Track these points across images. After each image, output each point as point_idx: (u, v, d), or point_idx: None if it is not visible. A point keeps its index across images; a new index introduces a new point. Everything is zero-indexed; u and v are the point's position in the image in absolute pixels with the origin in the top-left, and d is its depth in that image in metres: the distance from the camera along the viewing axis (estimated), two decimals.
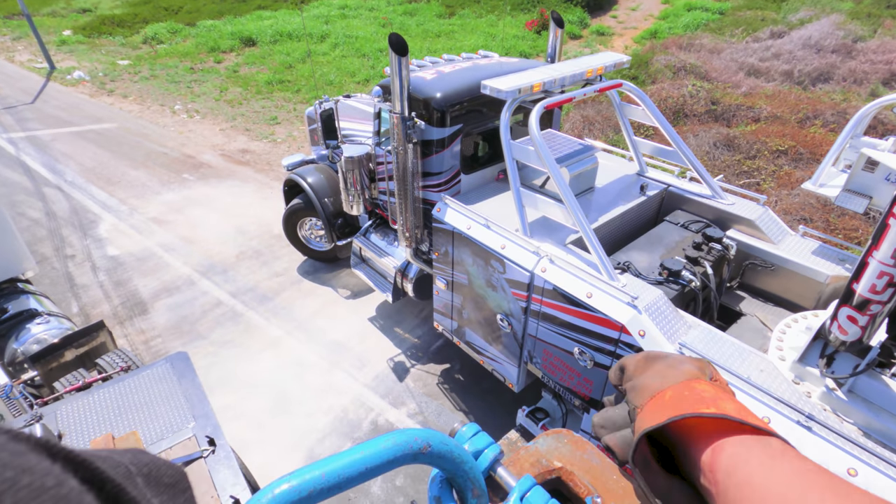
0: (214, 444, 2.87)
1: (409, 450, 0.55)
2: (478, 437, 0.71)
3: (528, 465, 0.75)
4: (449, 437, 0.63)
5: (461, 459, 0.60)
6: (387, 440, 0.55)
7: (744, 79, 11.32)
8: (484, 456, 0.69)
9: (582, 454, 0.74)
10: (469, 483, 0.62)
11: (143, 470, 0.34)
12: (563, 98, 3.90)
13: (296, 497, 0.49)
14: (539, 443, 0.80)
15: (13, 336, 4.34)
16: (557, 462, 0.74)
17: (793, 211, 7.30)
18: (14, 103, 12.68)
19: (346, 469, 0.52)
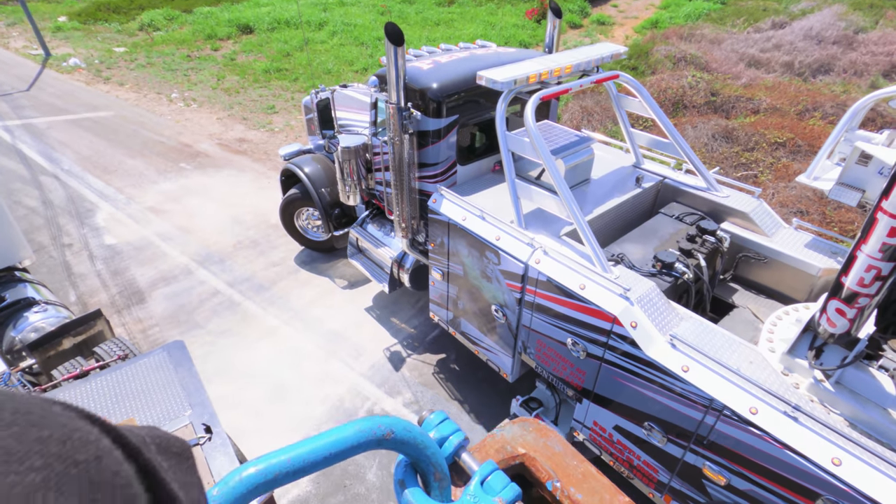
0: (211, 431, 2.90)
1: (372, 436, 0.58)
2: (444, 424, 0.73)
3: (493, 451, 0.77)
4: (414, 424, 0.65)
5: (424, 445, 0.62)
6: (351, 427, 0.58)
7: (744, 70, 11.27)
8: (449, 442, 0.72)
9: (545, 441, 0.77)
10: (431, 467, 0.65)
11: (157, 441, 0.41)
12: (560, 89, 3.89)
13: (262, 479, 0.51)
14: (505, 430, 0.83)
15: (11, 324, 4.36)
16: (521, 449, 0.77)
17: (789, 203, 7.32)
18: (9, 90, 12.58)
19: (311, 454, 0.55)
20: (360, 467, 4.46)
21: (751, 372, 2.85)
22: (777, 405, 2.66)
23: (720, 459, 2.92)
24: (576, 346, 3.57)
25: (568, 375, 3.79)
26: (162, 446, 0.41)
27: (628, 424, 3.43)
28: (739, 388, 2.78)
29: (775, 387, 2.76)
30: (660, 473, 3.36)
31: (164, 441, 0.43)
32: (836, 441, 2.49)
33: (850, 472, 2.40)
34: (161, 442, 0.42)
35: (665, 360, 3.02)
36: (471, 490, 0.69)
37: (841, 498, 2.42)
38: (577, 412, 3.86)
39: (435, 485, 0.67)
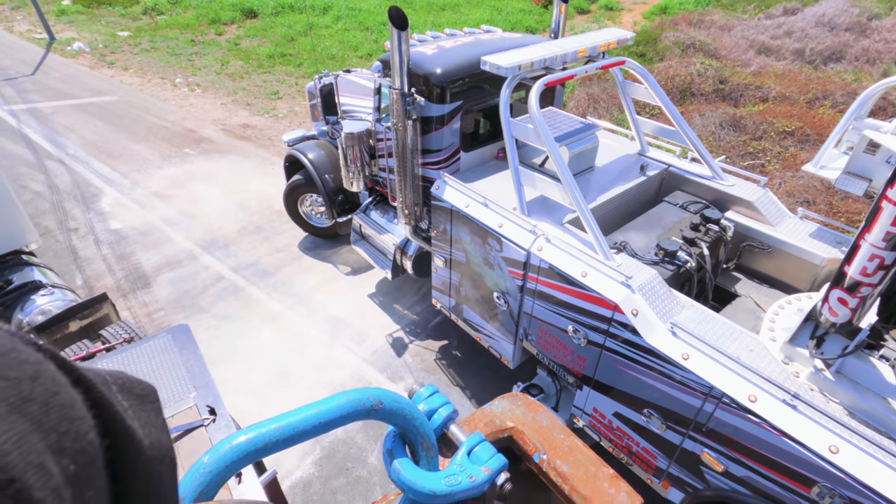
0: (215, 413, 2.95)
1: (361, 406, 0.59)
2: (433, 397, 0.74)
3: (482, 424, 0.79)
4: (403, 396, 0.67)
5: (412, 416, 0.63)
6: (341, 397, 0.59)
7: (754, 57, 11.09)
8: (438, 414, 0.73)
9: (534, 416, 0.78)
10: (420, 438, 0.66)
11: (118, 381, 0.40)
12: (564, 75, 3.85)
13: (252, 448, 0.52)
14: (494, 405, 0.84)
15: (18, 307, 4.42)
16: (510, 423, 0.78)
17: (796, 193, 7.25)
18: (14, 74, 12.57)
19: (300, 423, 0.56)
20: (362, 451, 4.53)
21: (751, 360, 2.86)
22: (776, 393, 2.67)
23: (718, 446, 2.94)
24: (577, 334, 3.58)
25: (569, 362, 3.81)
26: (124, 387, 0.40)
27: (628, 411, 3.46)
28: (739, 377, 2.79)
29: (775, 375, 2.77)
30: (658, 460, 3.39)
31: (127, 382, 0.41)
32: (834, 429, 2.51)
33: (847, 459, 2.42)
34: (123, 383, 0.41)
35: (665, 348, 3.03)
36: (458, 460, 0.70)
37: (837, 485, 2.44)
38: (578, 399, 3.89)
39: (423, 454, 0.68)
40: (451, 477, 0.69)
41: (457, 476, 0.69)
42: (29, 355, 0.30)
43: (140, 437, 0.36)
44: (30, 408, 0.27)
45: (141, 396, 0.41)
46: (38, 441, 0.26)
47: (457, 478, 0.69)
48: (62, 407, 0.29)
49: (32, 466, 0.25)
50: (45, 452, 0.26)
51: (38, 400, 0.28)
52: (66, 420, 0.29)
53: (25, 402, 0.27)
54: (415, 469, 0.67)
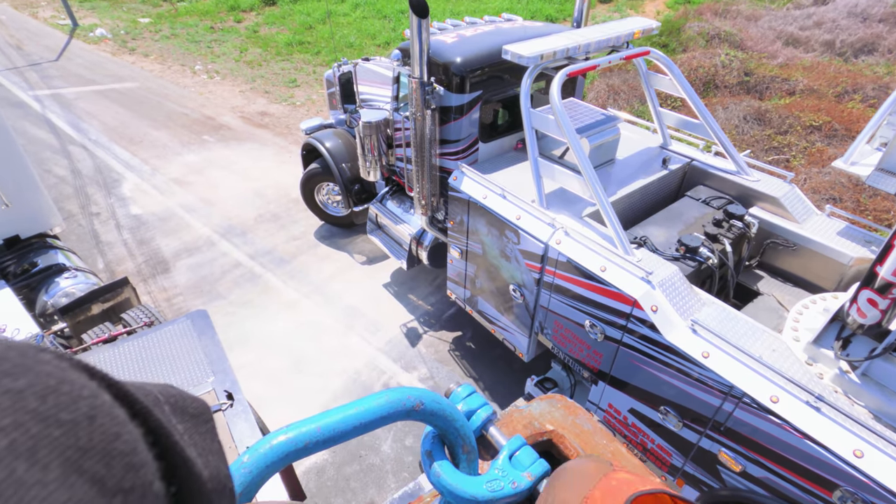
0: (232, 398, 2.98)
1: (402, 407, 0.58)
2: (472, 397, 0.73)
3: (520, 426, 0.77)
4: (442, 396, 0.65)
5: (453, 417, 0.62)
6: (381, 397, 0.57)
7: (781, 49, 10.77)
8: (476, 416, 0.71)
9: (574, 419, 0.76)
10: (460, 440, 0.65)
11: (171, 400, 0.36)
12: (587, 66, 3.78)
13: (292, 448, 0.51)
14: (532, 406, 0.82)
15: (43, 289, 4.52)
16: (549, 425, 0.76)
17: (822, 190, 7.06)
18: (39, 60, 12.78)
19: (341, 424, 0.55)
20: (376, 439, 4.56)
21: (773, 360, 2.80)
22: (799, 395, 2.62)
23: (737, 446, 2.90)
24: (594, 329, 3.54)
25: (584, 357, 3.78)
26: (177, 406, 0.36)
27: (644, 408, 3.42)
28: (761, 376, 2.74)
29: (798, 376, 2.71)
30: (673, 457, 3.36)
31: (180, 400, 0.37)
32: (858, 433, 2.45)
33: (872, 464, 2.36)
34: (176, 402, 0.36)
35: (685, 346, 2.98)
36: (499, 464, 0.69)
37: (860, 489, 2.38)
38: (592, 394, 3.86)
39: (463, 457, 0.67)
40: (493, 482, 0.67)
41: (499, 481, 0.67)
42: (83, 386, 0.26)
43: (200, 469, 0.33)
44: (89, 463, 0.23)
45: (195, 417, 0.37)
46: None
47: (499, 483, 0.67)
48: (124, 454, 0.25)
49: None
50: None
51: (97, 449, 0.24)
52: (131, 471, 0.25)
53: (84, 455, 0.23)
54: (455, 473, 0.66)
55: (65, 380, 0.25)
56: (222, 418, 2.91)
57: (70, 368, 0.27)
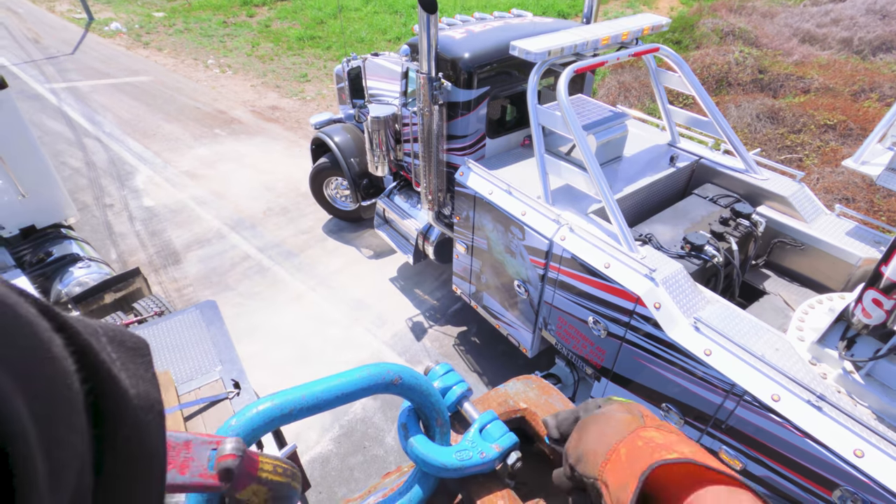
0: (239, 387, 3.05)
1: (381, 380, 0.61)
2: (448, 375, 0.76)
3: (495, 404, 0.80)
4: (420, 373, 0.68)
5: (428, 392, 0.65)
6: (362, 371, 0.61)
7: (797, 46, 10.61)
8: (452, 392, 0.75)
9: (547, 398, 0.79)
10: (434, 413, 0.68)
11: (109, 333, 0.38)
12: (595, 62, 3.77)
13: (278, 413, 0.55)
14: (508, 386, 0.85)
15: (57, 278, 4.62)
16: (523, 404, 0.79)
17: (835, 190, 6.98)
18: (55, 53, 12.97)
19: (324, 393, 0.58)
20: (380, 431, 4.62)
21: (776, 359, 2.79)
22: (801, 394, 2.61)
23: (738, 444, 2.90)
24: (597, 325, 3.55)
25: (588, 353, 3.79)
26: (115, 338, 0.38)
27: (646, 405, 3.43)
28: (763, 375, 2.73)
29: (801, 375, 2.70)
30: None
31: (119, 335, 0.39)
32: (860, 433, 2.44)
33: (873, 464, 2.35)
34: (115, 335, 0.38)
35: (687, 343, 2.99)
36: (469, 436, 0.72)
37: (860, 489, 2.38)
38: (595, 390, 3.87)
39: (437, 430, 0.71)
40: (462, 452, 0.71)
41: (468, 451, 0.71)
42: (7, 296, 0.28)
43: (126, 385, 0.35)
44: None
45: (132, 349, 0.40)
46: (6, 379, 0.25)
47: (468, 453, 0.71)
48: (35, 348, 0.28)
49: None
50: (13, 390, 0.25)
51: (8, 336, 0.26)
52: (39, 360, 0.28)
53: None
54: (428, 443, 0.70)
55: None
56: (229, 406, 2.97)
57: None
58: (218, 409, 2.97)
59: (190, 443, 0.52)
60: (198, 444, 0.53)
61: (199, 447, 0.53)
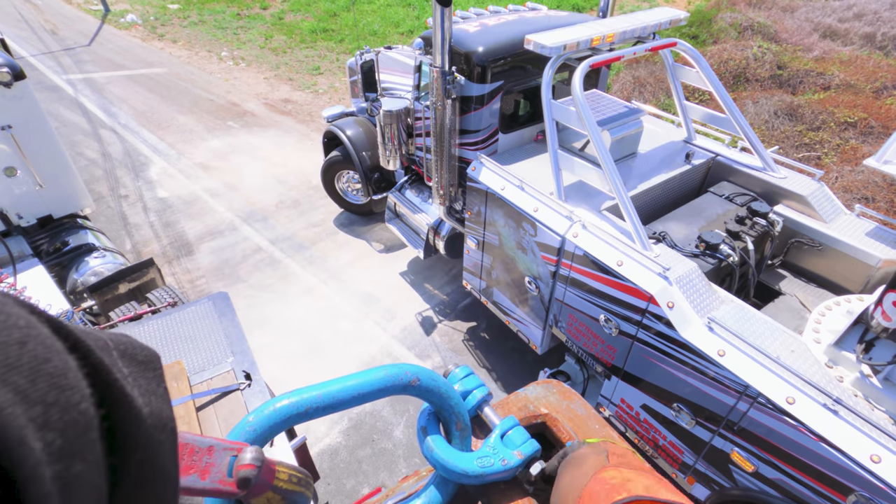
0: (250, 378, 3.07)
1: (398, 381, 0.60)
2: (469, 378, 0.75)
3: (515, 408, 0.79)
4: (440, 375, 0.67)
5: (448, 395, 0.64)
6: (380, 371, 0.60)
7: (817, 41, 10.38)
8: (472, 396, 0.74)
9: (568, 404, 0.77)
10: (454, 417, 0.67)
11: (120, 347, 0.38)
12: (611, 57, 3.71)
13: (294, 412, 0.55)
14: (528, 390, 0.84)
15: (74, 267, 4.69)
16: (544, 409, 0.78)
17: (854, 189, 6.83)
18: (72, 45, 13.11)
19: (341, 392, 0.58)
20: (388, 424, 4.64)
21: (791, 361, 2.75)
22: (817, 397, 2.57)
23: (750, 446, 2.87)
24: (608, 323, 3.53)
25: (598, 351, 3.77)
26: (126, 352, 0.38)
27: (656, 404, 3.40)
28: (778, 377, 2.69)
29: (817, 378, 2.66)
30: (685, 455, 3.34)
31: (130, 348, 0.39)
32: (877, 438, 2.40)
33: (890, 469, 2.31)
34: (126, 348, 0.38)
35: (701, 343, 2.95)
36: (490, 442, 0.71)
37: (876, 495, 2.34)
38: (605, 388, 3.85)
39: (456, 434, 0.69)
40: (483, 458, 0.70)
41: (489, 458, 0.70)
42: (19, 318, 0.28)
43: (139, 405, 0.35)
44: (14, 377, 0.25)
45: (143, 363, 0.39)
46: (21, 414, 0.24)
47: (489, 459, 0.69)
48: (51, 376, 0.27)
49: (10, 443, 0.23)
50: (26, 427, 0.24)
51: (24, 367, 0.26)
52: (54, 390, 0.27)
53: (10, 370, 0.25)
54: (448, 448, 0.69)
55: (2, 311, 0.27)
56: (240, 397, 3.00)
57: (11, 303, 0.29)
58: (229, 399, 3.00)
59: (213, 448, 0.53)
60: (219, 450, 0.53)
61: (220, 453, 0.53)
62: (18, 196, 4.66)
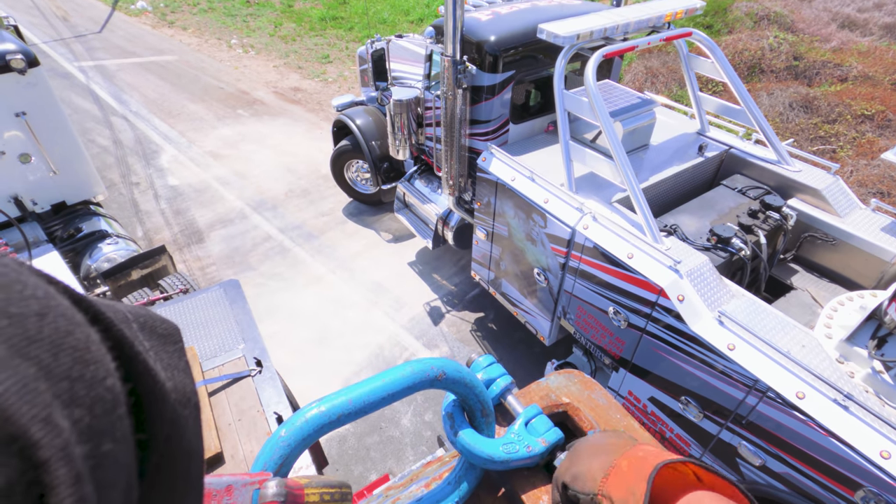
0: (261, 365, 3.11)
1: (425, 377, 0.61)
2: (492, 367, 0.76)
3: (537, 397, 0.80)
4: (463, 365, 0.68)
5: (473, 385, 0.65)
6: (405, 368, 0.61)
7: (835, 31, 10.17)
8: (496, 384, 0.75)
9: (590, 393, 0.78)
10: (479, 405, 0.68)
11: (140, 319, 0.36)
12: (625, 46, 3.67)
13: (326, 420, 0.55)
14: (550, 380, 0.85)
15: (87, 253, 4.75)
16: (565, 398, 0.79)
17: (869, 183, 6.73)
18: (83, 32, 13.15)
19: (370, 395, 0.59)
20: (396, 413, 4.69)
21: (802, 356, 2.74)
22: (827, 392, 2.56)
23: (758, 440, 2.87)
24: (617, 316, 3.52)
25: (606, 344, 3.77)
26: (146, 325, 0.36)
27: (664, 397, 3.41)
28: (788, 372, 2.68)
29: (827, 373, 2.64)
30: (692, 447, 3.34)
31: (150, 320, 0.37)
32: (888, 434, 2.39)
33: None
34: (146, 321, 0.36)
35: (710, 337, 2.94)
36: (515, 429, 0.72)
37: (885, 490, 2.34)
38: (613, 380, 3.86)
39: (481, 420, 0.71)
40: (508, 445, 0.71)
41: (514, 444, 0.71)
42: (37, 289, 0.26)
43: (163, 379, 0.33)
44: (36, 350, 0.24)
45: (164, 336, 0.37)
46: (45, 390, 0.23)
47: (514, 446, 0.71)
48: (75, 349, 0.26)
49: (38, 421, 0.22)
50: (52, 404, 0.23)
51: (45, 341, 0.24)
52: (79, 364, 0.25)
53: (31, 343, 0.24)
54: (474, 434, 0.70)
55: (19, 280, 0.26)
56: (251, 383, 3.04)
57: (27, 272, 0.27)
58: (240, 385, 3.04)
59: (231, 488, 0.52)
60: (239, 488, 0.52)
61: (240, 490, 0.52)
62: (33, 182, 4.71)
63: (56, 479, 0.22)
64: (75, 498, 0.23)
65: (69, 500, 0.22)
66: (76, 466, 0.23)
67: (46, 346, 0.24)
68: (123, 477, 0.27)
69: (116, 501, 0.26)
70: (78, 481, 0.23)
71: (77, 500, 0.23)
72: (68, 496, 0.22)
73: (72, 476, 0.23)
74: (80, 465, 0.23)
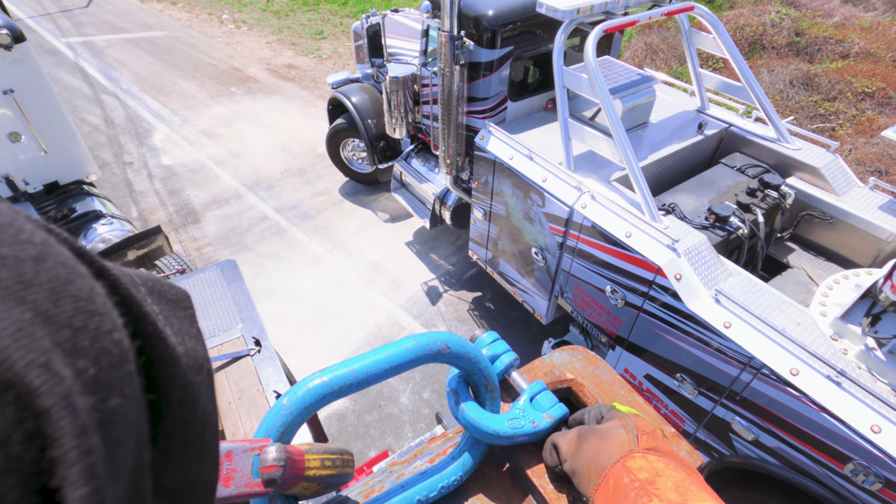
0: (260, 344, 3.12)
1: (429, 350, 0.61)
2: (496, 343, 0.76)
3: (541, 373, 0.80)
4: (467, 340, 0.68)
5: (477, 359, 0.65)
6: (409, 341, 0.60)
7: (838, 6, 10.00)
8: (500, 360, 0.75)
9: (594, 370, 0.78)
10: (483, 380, 0.68)
11: (148, 283, 0.34)
12: (626, 21, 3.60)
13: (328, 391, 0.55)
14: (554, 356, 0.85)
15: (81, 234, 4.71)
16: (570, 374, 0.79)
17: (868, 161, 6.71)
18: (70, 6, 12.79)
19: (372, 367, 0.58)
20: (395, 390, 4.74)
21: (797, 333, 2.77)
22: (821, 368, 2.60)
23: (751, 416, 2.92)
24: (615, 294, 3.54)
25: (603, 322, 3.80)
26: (154, 289, 0.34)
27: (660, 374, 3.45)
28: (782, 349, 2.71)
29: (821, 350, 2.68)
30: (686, 423, 3.40)
31: (157, 285, 0.35)
32: (878, 409, 2.43)
33: (890, 439, 2.35)
34: (154, 285, 0.34)
35: (707, 315, 2.96)
36: (520, 405, 0.73)
37: (874, 464, 2.39)
38: (609, 358, 3.90)
39: (486, 395, 0.71)
40: (514, 420, 0.71)
41: (519, 420, 0.71)
42: (33, 234, 0.24)
43: (174, 344, 0.32)
44: (32, 295, 0.22)
45: (174, 302, 0.36)
46: (44, 336, 0.21)
47: (519, 421, 0.71)
48: (77, 298, 0.24)
49: (35, 367, 0.20)
50: (52, 350, 0.21)
51: (44, 286, 0.22)
52: (82, 314, 0.24)
53: (26, 287, 0.22)
54: (479, 410, 0.70)
55: (13, 224, 0.24)
56: (250, 362, 3.06)
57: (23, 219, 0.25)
58: (240, 365, 3.06)
59: (231, 453, 0.52)
60: (239, 454, 0.52)
61: (240, 456, 0.52)
62: (24, 162, 4.64)
63: (59, 430, 0.21)
64: (81, 450, 0.21)
65: (74, 451, 0.21)
66: (81, 417, 0.22)
67: (45, 292, 0.22)
68: (133, 435, 0.26)
69: (126, 458, 0.25)
70: (83, 433, 0.21)
71: (83, 452, 0.21)
72: (73, 447, 0.21)
73: (76, 427, 0.21)
74: (84, 417, 0.22)
